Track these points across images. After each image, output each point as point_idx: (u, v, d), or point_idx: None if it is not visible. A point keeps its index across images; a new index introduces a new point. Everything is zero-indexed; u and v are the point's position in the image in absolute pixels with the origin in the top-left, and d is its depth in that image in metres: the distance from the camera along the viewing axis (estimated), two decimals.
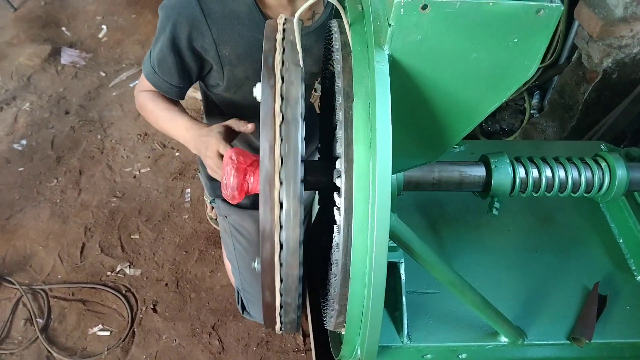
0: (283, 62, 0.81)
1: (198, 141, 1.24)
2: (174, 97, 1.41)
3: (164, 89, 1.38)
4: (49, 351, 2.04)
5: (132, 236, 2.42)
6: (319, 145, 1.28)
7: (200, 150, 1.23)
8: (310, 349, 1.91)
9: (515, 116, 2.73)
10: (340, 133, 0.79)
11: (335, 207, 0.81)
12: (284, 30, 0.84)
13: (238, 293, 1.96)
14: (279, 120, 0.76)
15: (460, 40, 0.70)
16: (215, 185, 1.87)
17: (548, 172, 1.01)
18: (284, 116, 0.76)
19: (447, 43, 0.70)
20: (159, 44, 1.31)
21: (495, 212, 1.00)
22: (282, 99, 0.77)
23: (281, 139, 0.75)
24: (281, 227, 0.77)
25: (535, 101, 2.70)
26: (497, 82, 0.76)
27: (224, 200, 1.86)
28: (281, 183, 0.75)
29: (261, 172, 0.75)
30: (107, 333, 2.11)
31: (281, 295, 0.84)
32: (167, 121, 1.37)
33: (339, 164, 0.78)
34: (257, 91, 0.80)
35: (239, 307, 1.96)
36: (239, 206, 1.83)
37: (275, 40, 0.85)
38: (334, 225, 0.83)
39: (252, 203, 1.82)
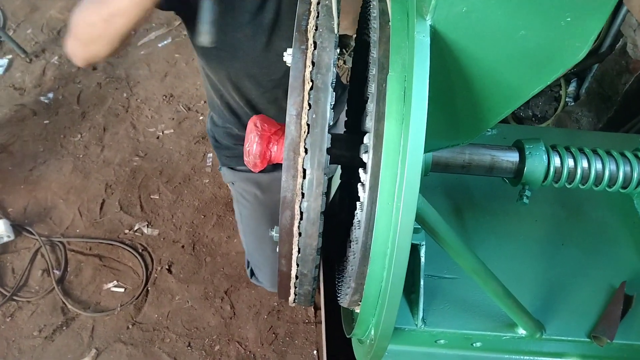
0: (317, 27, 0.77)
1: None
2: None
3: None
4: (63, 302, 2.08)
5: (151, 196, 2.43)
6: (346, 119, 1.25)
7: None
8: (321, 322, 1.91)
9: (550, 103, 2.64)
10: (371, 106, 0.75)
11: (359, 184, 0.78)
12: None
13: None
14: (308, 86, 0.72)
15: (508, 15, 0.65)
16: (221, 153, 1.86)
17: (584, 163, 0.96)
18: (314, 83, 0.72)
19: (494, 17, 0.65)
20: None
21: (525, 200, 0.96)
22: (313, 65, 0.73)
23: (309, 106, 0.72)
24: (303, 195, 0.74)
25: (571, 89, 2.61)
26: (543, 64, 0.71)
27: (229, 168, 1.86)
28: (306, 151, 0.72)
29: (286, 139, 0.72)
30: (122, 290, 2.14)
31: (297, 266, 0.82)
32: None
33: (367, 139, 0.75)
34: (288, 56, 0.76)
35: (248, 272, 1.97)
36: (243, 172, 1.83)
37: (310, 3, 0.81)
38: (357, 202, 0.80)
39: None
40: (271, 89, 1.62)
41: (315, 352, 2.01)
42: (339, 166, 1.62)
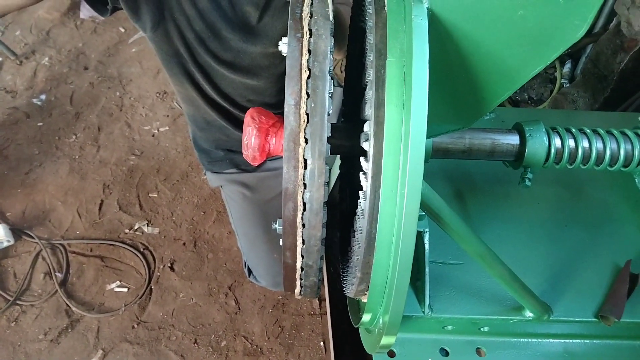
0: (311, 15, 0.76)
1: None
2: None
3: None
4: (67, 305, 2.07)
5: (150, 195, 2.42)
6: (343, 108, 1.24)
7: None
8: (326, 313, 1.91)
9: (545, 85, 2.64)
10: (370, 93, 0.74)
11: (361, 172, 0.77)
12: None
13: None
14: (305, 75, 0.71)
15: None
16: (202, 158, 1.85)
17: (585, 143, 0.96)
18: (311, 71, 0.71)
19: None
20: None
21: (527, 183, 0.95)
22: (309, 53, 0.72)
23: (307, 95, 0.71)
24: (305, 186, 0.73)
25: (566, 70, 2.60)
26: (542, 44, 0.70)
27: (214, 172, 1.85)
28: (306, 141, 0.71)
29: (285, 129, 0.71)
30: (125, 290, 2.13)
31: (302, 258, 0.82)
32: None
33: (368, 127, 0.74)
34: (283, 45, 0.75)
35: (246, 271, 1.97)
36: (228, 175, 1.82)
37: None
38: (360, 192, 0.79)
39: (237, 168, 1.81)
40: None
41: (321, 343, 2.01)
42: (337, 157, 1.62)
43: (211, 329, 2.04)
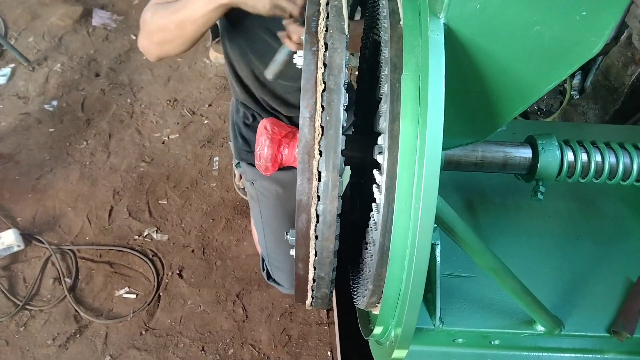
0: (327, 28, 0.76)
1: None
2: None
3: None
4: (76, 310, 2.08)
5: (159, 201, 2.43)
6: (354, 119, 1.24)
7: None
8: (334, 323, 1.90)
9: (555, 97, 2.63)
10: (384, 107, 0.74)
11: (374, 185, 0.78)
12: None
13: (263, 261, 1.96)
14: (321, 88, 0.72)
15: (522, 11, 0.65)
16: (240, 147, 1.82)
17: (598, 157, 0.95)
18: (326, 84, 0.72)
19: (509, 14, 0.65)
20: None
21: (540, 196, 0.95)
22: (324, 66, 0.73)
23: (322, 108, 0.71)
24: (319, 198, 0.74)
25: (576, 82, 2.59)
26: (558, 59, 0.70)
27: (249, 164, 1.83)
28: (320, 153, 0.72)
29: (300, 141, 0.71)
30: (133, 296, 2.14)
31: (315, 269, 0.82)
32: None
33: (382, 140, 0.74)
34: (299, 57, 0.76)
35: (264, 274, 1.96)
36: None
37: (319, 4, 0.80)
38: (373, 204, 0.79)
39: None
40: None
41: (329, 352, 2.00)
42: (347, 167, 1.61)
43: (219, 337, 2.04)
